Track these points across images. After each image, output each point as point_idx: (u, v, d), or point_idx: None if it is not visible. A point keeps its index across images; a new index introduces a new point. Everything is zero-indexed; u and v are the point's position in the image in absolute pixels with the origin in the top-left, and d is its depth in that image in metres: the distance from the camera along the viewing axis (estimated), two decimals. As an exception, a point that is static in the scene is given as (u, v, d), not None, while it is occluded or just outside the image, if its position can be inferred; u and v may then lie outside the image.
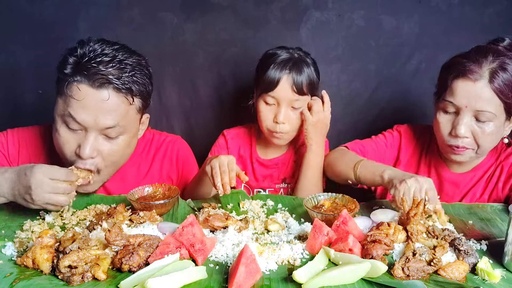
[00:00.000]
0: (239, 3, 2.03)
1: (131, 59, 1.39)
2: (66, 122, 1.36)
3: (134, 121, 1.46)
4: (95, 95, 1.33)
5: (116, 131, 1.39)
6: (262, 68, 1.67)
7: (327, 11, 2.05)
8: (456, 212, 1.43)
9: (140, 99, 1.43)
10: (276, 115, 1.66)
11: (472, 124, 1.46)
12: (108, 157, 1.42)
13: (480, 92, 1.42)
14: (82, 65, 1.32)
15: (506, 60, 1.43)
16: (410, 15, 2.06)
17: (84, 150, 1.35)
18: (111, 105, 1.35)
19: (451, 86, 1.47)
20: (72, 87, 1.33)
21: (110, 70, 1.33)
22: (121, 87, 1.34)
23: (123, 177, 1.62)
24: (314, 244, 1.14)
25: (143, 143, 1.68)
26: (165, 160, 1.69)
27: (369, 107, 2.17)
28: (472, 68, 1.43)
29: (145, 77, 1.43)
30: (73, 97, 1.32)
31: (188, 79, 2.12)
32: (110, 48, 1.37)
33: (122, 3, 2.01)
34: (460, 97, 1.45)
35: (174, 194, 1.41)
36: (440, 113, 1.53)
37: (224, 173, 1.36)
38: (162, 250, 1.07)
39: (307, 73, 1.65)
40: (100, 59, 1.33)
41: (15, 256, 1.11)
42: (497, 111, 1.43)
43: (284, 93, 1.63)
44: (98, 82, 1.32)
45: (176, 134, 1.80)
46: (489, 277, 1.02)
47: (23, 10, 1.99)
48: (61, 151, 1.41)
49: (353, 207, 1.32)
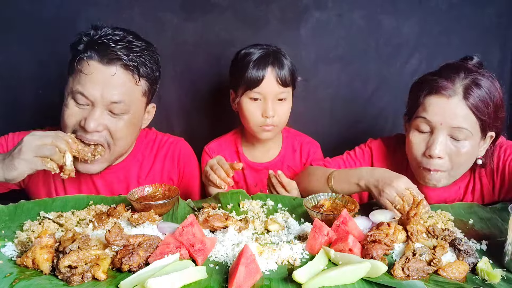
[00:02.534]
0: (239, 3, 2.03)
1: (140, 42, 1.47)
2: (74, 97, 1.42)
3: (139, 102, 1.50)
4: (103, 71, 1.40)
5: (120, 108, 1.43)
6: (239, 68, 1.67)
7: (327, 11, 2.05)
8: (456, 212, 1.43)
9: (146, 81, 1.49)
10: (265, 110, 1.66)
11: (448, 144, 1.41)
12: (115, 133, 1.46)
13: (455, 108, 1.38)
14: (94, 41, 1.41)
15: (478, 77, 1.40)
16: (410, 15, 2.06)
17: (89, 123, 1.40)
18: (118, 81, 1.41)
19: (424, 103, 1.43)
20: (82, 62, 1.41)
21: (119, 48, 1.41)
22: (129, 63, 1.42)
23: (126, 175, 1.63)
24: (314, 244, 1.14)
25: (145, 142, 1.69)
26: (167, 161, 1.70)
27: (369, 107, 2.17)
28: (444, 84, 1.39)
29: (153, 61, 1.50)
30: (83, 71, 1.40)
31: (188, 79, 2.12)
32: (121, 32, 1.46)
33: (122, 3, 2.01)
34: (433, 113, 1.40)
35: (174, 194, 1.41)
36: (414, 133, 1.47)
37: (218, 170, 1.42)
38: (162, 250, 1.07)
39: (287, 64, 1.68)
40: (111, 37, 1.42)
41: (15, 256, 1.10)
42: (473, 129, 1.39)
43: (270, 87, 1.65)
44: (107, 58, 1.40)
45: (176, 134, 1.80)
46: (489, 277, 1.02)
47: (23, 9, 1.99)
48: (65, 123, 1.45)
49: (353, 207, 1.32)
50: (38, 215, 1.35)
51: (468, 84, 1.39)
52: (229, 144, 1.87)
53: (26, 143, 1.27)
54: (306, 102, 2.14)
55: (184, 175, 1.72)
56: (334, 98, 2.17)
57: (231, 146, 1.87)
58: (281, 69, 1.65)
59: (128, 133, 1.50)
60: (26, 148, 1.27)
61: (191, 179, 1.72)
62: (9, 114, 2.12)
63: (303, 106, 2.14)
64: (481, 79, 1.40)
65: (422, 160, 1.46)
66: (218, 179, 1.40)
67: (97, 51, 1.40)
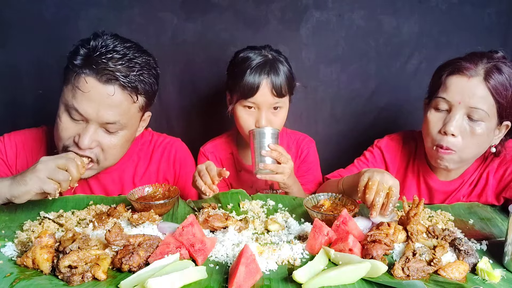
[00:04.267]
0: (239, 3, 2.03)
1: (140, 59, 1.42)
2: (69, 111, 1.40)
3: (135, 118, 1.49)
4: (100, 89, 1.36)
5: (115, 127, 1.42)
6: (236, 73, 1.63)
7: (327, 11, 2.05)
8: (456, 212, 1.43)
9: (144, 97, 1.47)
10: (258, 119, 1.63)
11: (463, 124, 1.44)
12: (107, 150, 1.44)
13: (475, 88, 1.41)
14: (92, 58, 1.36)
15: (500, 63, 1.43)
16: (410, 15, 2.06)
17: (83, 140, 1.38)
18: (115, 101, 1.38)
19: (445, 82, 1.46)
20: (79, 78, 1.36)
21: (119, 67, 1.37)
22: (127, 85, 1.38)
23: (120, 177, 1.63)
24: (314, 244, 1.14)
25: (141, 143, 1.68)
26: (162, 162, 1.69)
27: (369, 107, 2.17)
28: (467, 66, 1.43)
29: (152, 77, 1.47)
30: (80, 88, 1.36)
31: (188, 79, 2.12)
32: (122, 45, 1.40)
33: (122, 3, 2.01)
34: (453, 93, 1.43)
35: (174, 194, 1.41)
36: (432, 111, 1.50)
37: (204, 176, 1.39)
38: (162, 250, 1.07)
39: (284, 74, 1.63)
40: (110, 56, 1.36)
41: (15, 256, 1.10)
42: (490, 111, 1.42)
43: (264, 98, 1.61)
44: (105, 77, 1.35)
45: (176, 134, 1.80)
46: (489, 277, 1.02)
47: (23, 9, 1.99)
48: (59, 136, 1.43)
49: (353, 207, 1.32)
50: (38, 215, 1.35)
51: (490, 68, 1.42)
52: (225, 146, 1.86)
53: (43, 163, 1.26)
54: (306, 102, 2.14)
55: (180, 176, 1.72)
56: (334, 98, 2.17)
57: (227, 148, 1.86)
58: (277, 79, 1.61)
59: (121, 149, 1.49)
60: (42, 167, 1.25)
61: (187, 180, 1.71)
62: (9, 114, 2.12)
63: (303, 106, 2.14)
64: (503, 66, 1.43)
65: (437, 137, 1.48)
66: (204, 185, 1.38)
67: (95, 70, 1.35)
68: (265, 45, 1.70)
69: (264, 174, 1.54)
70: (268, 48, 1.69)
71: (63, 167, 1.29)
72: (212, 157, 1.83)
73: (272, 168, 1.52)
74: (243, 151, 1.85)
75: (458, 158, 1.48)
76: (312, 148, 1.86)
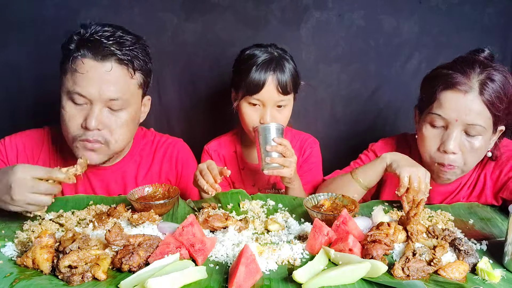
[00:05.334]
0: (239, 3, 2.03)
1: (130, 37, 1.46)
2: (71, 98, 1.41)
3: (136, 96, 1.50)
4: (98, 67, 1.39)
5: (119, 104, 1.43)
6: (242, 70, 1.64)
7: (327, 11, 2.05)
8: (456, 212, 1.43)
9: (141, 74, 1.49)
10: (263, 116, 1.64)
11: (462, 140, 1.43)
12: (114, 130, 1.46)
13: (471, 104, 1.39)
14: (86, 39, 1.40)
15: (493, 71, 1.41)
16: (410, 15, 2.06)
17: (90, 121, 1.40)
18: (114, 77, 1.41)
19: (439, 99, 1.43)
20: (76, 61, 1.40)
21: (112, 43, 1.41)
22: (123, 58, 1.41)
23: (122, 177, 1.63)
24: (314, 244, 1.14)
25: (143, 142, 1.69)
26: (165, 162, 1.69)
27: (369, 107, 2.17)
28: (461, 80, 1.40)
29: (145, 54, 1.50)
30: (78, 71, 1.39)
31: (188, 79, 2.12)
32: (110, 27, 1.45)
33: (122, 3, 2.01)
34: (449, 110, 1.41)
35: (174, 194, 1.41)
36: (427, 127, 1.48)
37: (206, 175, 1.39)
38: (162, 250, 1.07)
39: (290, 71, 1.63)
40: (101, 34, 1.41)
41: (15, 256, 1.10)
42: (486, 124, 1.41)
43: (270, 95, 1.62)
44: (101, 55, 1.39)
45: (176, 134, 1.80)
46: (489, 277, 1.02)
47: (23, 9, 2.00)
48: (67, 127, 1.44)
49: (353, 207, 1.32)
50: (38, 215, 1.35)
51: (483, 79, 1.40)
52: (229, 144, 1.86)
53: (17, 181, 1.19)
54: (306, 102, 2.14)
55: (182, 177, 1.72)
56: (334, 98, 2.17)
57: (230, 146, 1.86)
58: (282, 77, 1.61)
59: (127, 129, 1.50)
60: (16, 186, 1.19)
61: (189, 180, 1.71)
62: (9, 114, 2.12)
63: (303, 106, 2.14)
64: (496, 74, 1.41)
65: (436, 155, 1.47)
66: (206, 184, 1.38)
67: (90, 48, 1.39)
68: (270, 44, 1.70)
69: (271, 169, 1.54)
70: (274, 46, 1.69)
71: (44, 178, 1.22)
72: (215, 155, 1.83)
73: (279, 161, 1.52)
74: (246, 149, 1.85)
75: (460, 171, 1.49)
76: (316, 148, 1.86)
